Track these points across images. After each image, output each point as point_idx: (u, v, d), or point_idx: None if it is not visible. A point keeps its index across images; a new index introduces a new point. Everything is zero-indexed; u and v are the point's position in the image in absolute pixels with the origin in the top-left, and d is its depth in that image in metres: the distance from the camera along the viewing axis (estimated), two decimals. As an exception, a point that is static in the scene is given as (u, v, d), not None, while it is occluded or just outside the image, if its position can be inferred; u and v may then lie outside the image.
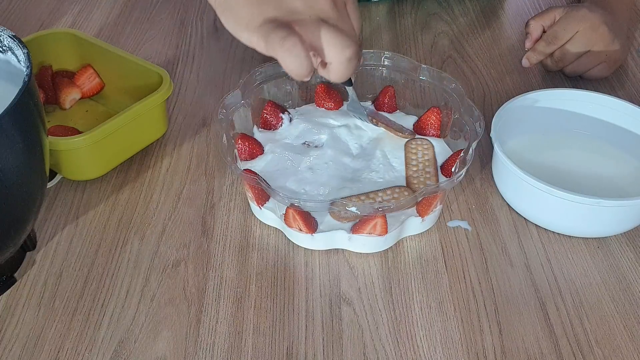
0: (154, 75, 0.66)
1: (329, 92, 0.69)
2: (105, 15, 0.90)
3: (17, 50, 0.51)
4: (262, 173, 0.60)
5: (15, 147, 0.46)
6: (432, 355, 0.51)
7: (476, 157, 0.68)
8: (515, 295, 0.55)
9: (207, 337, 0.52)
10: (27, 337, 0.52)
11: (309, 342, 0.51)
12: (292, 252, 0.58)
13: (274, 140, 0.65)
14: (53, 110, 0.73)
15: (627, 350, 0.51)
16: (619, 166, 0.64)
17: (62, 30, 0.74)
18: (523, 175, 0.57)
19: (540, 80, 0.79)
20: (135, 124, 0.64)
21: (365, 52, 0.69)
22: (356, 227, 0.57)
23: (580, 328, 0.53)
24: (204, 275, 0.56)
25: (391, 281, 0.56)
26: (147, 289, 0.55)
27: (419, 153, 0.63)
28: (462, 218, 0.62)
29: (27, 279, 0.56)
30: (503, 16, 0.93)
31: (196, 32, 0.87)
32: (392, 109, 0.69)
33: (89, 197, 0.63)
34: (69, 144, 0.60)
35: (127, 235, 0.60)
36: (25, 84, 0.46)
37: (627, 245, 0.59)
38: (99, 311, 0.53)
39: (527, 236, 0.60)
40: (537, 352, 0.51)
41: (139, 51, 0.83)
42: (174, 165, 0.67)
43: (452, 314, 0.54)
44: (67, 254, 0.58)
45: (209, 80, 0.78)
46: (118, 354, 0.50)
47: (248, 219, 0.61)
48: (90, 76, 0.73)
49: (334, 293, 0.55)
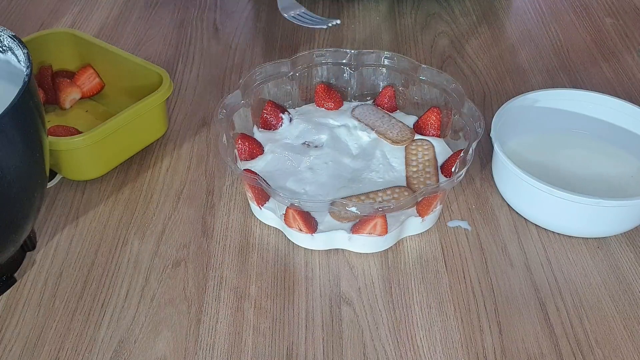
0: (154, 75, 0.66)
1: (329, 92, 0.69)
2: (105, 15, 0.90)
3: (17, 50, 0.51)
4: (262, 173, 0.60)
5: (15, 147, 0.46)
6: (432, 355, 0.51)
7: (476, 157, 0.68)
8: (515, 295, 0.55)
9: (207, 337, 0.52)
10: (27, 337, 0.52)
11: (309, 342, 0.51)
12: (292, 252, 0.58)
13: (274, 140, 0.65)
14: (53, 110, 0.73)
15: (627, 350, 0.51)
16: (619, 166, 0.64)
17: (62, 30, 0.74)
18: (523, 175, 0.57)
19: (540, 80, 0.79)
20: (135, 124, 0.64)
21: (365, 52, 0.69)
22: (356, 227, 0.57)
23: (580, 328, 0.53)
24: (204, 275, 0.56)
25: (391, 281, 0.56)
26: (147, 289, 0.55)
27: (419, 153, 0.63)
28: (462, 218, 0.62)
29: (27, 279, 0.56)
30: (503, 16, 0.93)
31: (196, 32, 0.87)
32: (392, 109, 0.69)
33: (89, 197, 0.63)
34: (69, 144, 0.60)
35: (127, 235, 0.60)
36: (25, 84, 0.46)
37: (627, 245, 0.59)
38: (99, 311, 0.53)
39: (527, 236, 0.60)
40: (537, 352, 0.51)
41: (139, 51, 0.83)
42: (174, 165, 0.67)
43: (452, 314, 0.54)
44: (67, 254, 0.58)
45: (209, 80, 0.78)
46: (118, 354, 0.50)
47: (248, 219, 0.61)
48: (90, 76, 0.73)
49: (334, 293, 0.55)
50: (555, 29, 0.89)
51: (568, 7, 0.94)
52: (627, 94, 0.77)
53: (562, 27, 0.90)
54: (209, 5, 0.93)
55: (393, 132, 0.66)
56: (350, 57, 0.69)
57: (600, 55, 0.84)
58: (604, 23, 0.91)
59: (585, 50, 0.85)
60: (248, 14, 0.91)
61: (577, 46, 0.86)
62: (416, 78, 0.67)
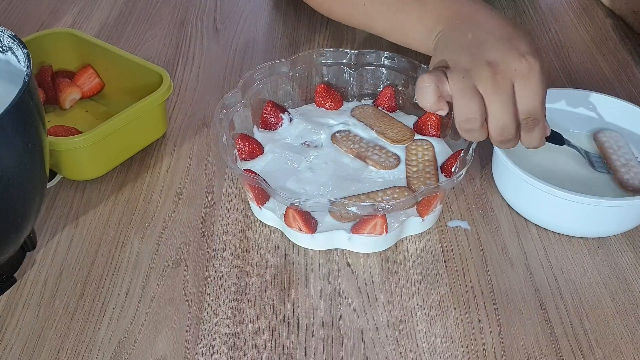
0: (154, 75, 0.66)
1: (329, 92, 0.69)
2: (105, 15, 0.90)
3: (17, 50, 0.51)
4: (262, 173, 0.60)
5: (15, 147, 0.46)
6: (432, 355, 0.51)
7: (476, 157, 0.68)
8: (515, 295, 0.55)
9: (207, 337, 0.52)
10: (27, 337, 0.52)
11: (309, 342, 0.51)
12: (292, 252, 0.58)
13: (274, 140, 0.65)
14: (53, 110, 0.73)
15: (627, 350, 0.51)
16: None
17: (62, 30, 0.74)
18: (523, 175, 0.57)
19: (540, 80, 0.79)
20: (135, 124, 0.64)
21: (365, 52, 0.69)
22: (356, 227, 0.57)
23: (580, 328, 0.53)
24: (204, 275, 0.56)
25: (391, 281, 0.56)
26: (147, 289, 0.55)
27: (419, 153, 0.63)
28: (462, 218, 0.62)
29: (27, 279, 0.56)
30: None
31: (196, 32, 0.87)
32: (392, 109, 0.69)
33: (89, 197, 0.63)
34: (69, 144, 0.60)
35: (127, 235, 0.60)
36: (25, 84, 0.46)
37: (627, 245, 0.59)
38: (99, 311, 0.53)
39: (527, 236, 0.60)
40: (537, 352, 0.51)
41: (139, 51, 0.83)
42: (174, 165, 0.67)
43: (452, 314, 0.54)
44: (67, 254, 0.58)
45: (209, 80, 0.78)
46: (118, 354, 0.50)
47: (248, 219, 0.61)
48: (90, 76, 0.73)
49: (334, 293, 0.55)
50: (555, 29, 0.89)
51: (568, 7, 0.94)
52: (627, 94, 0.77)
53: (562, 27, 0.90)
54: (209, 5, 0.93)
55: (393, 132, 0.66)
56: (350, 57, 0.69)
57: (600, 55, 0.84)
58: (604, 23, 0.91)
59: (585, 50, 0.85)
60: (248, 14, 0.91)
61: (577, 46, 0.86)
62: (416, 78, 0.67)
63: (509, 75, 0.53)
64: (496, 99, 0.53)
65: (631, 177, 0.61)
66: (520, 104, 0.53)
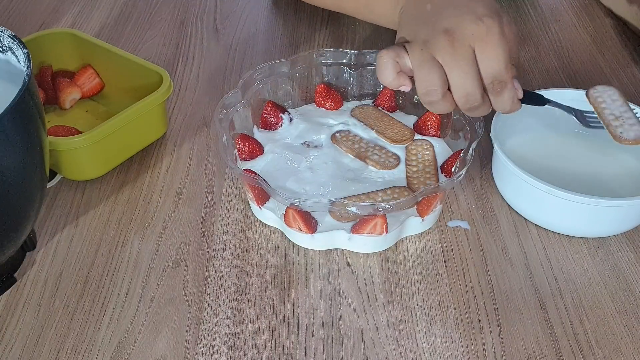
0: (154, 75, 0.66)
1: (329, 92, 0.69)
2: (105, 15, 0.90)
3: (17, 50, 0.51)
4: (262, 173, 0.60)
5: (15, 147, 0.46)
6: (432, 355, 0.51)
7: (476, 157, 0.68)
8: (515, 295, 0.55)
9: (207, 337, 0.52)
10: (27, 337, 0.52)
11: (309, 342, 0.51)
12: (292, 252, 0.58)
13: (274, 140, 0.65)
14: (53, 110, 0.73)
15: (627, 350, 0.51)
16: (618, 166, 0.64)
17: (62, 30, 0.74)
18: (523, 175, 0.57)
19: (540, 80, 0.79)
20: (135, 124, 0.64)
21: (365, 52, 0.69)
22: (356, 227, 0.57)
23: (580, 328, 0.53)
24: (204, 275, 0.56)
25: (391, 281, 0.56)
26: (147, 289, 0.55)
27: (419, 153, 0.63)
28: (462, 218, 0.62)
29: (27, 279, 0.56)
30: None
31: (196, 32, 0.87)
32: (392, 109, 0.69)
33: (89, 197, 0.63)
34: (69, 144, 0.60)
35: (127, 235, 0.60)
36: (25, 84, 0.46)
37: (627, 245, 0.59)
38: (99, 311, 0.53)
39: (527, 236, 0.60)
40: (537, 352, 0.51)
41: (139, 51, 0.83)
42: (174, 165, 0.67)
43: (452, 314, 0.54)
44: (67, 254, 0.58)
45: (209, 80, 0.78)
46: (118, 354, 0.50)
47: (248, 219, 0.61)
48: (90, 76, 0.73)
49: (334, 293, 0.55)
50: (555, 29, 0.89)
51: (568, 7, 0.94)
52: (627, 94, 0.77)
53: (562, 27, 0.90)
54: (209, 5, 0.93)
55: (393, 132, 0.66)
56: (350, 57, 0.69)
57: (600, 55, 0.84)
58: (604, 23, 0.91)
59: (585, 50, 0.85)
60: (248, 14, 0.91)
61: (577, 46, 0.86)
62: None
63: (466, 41, 0.51)
64: (455, 66, 0.51)
65: (625, 129, 0.59)
66: (483, 69, 0.52)
